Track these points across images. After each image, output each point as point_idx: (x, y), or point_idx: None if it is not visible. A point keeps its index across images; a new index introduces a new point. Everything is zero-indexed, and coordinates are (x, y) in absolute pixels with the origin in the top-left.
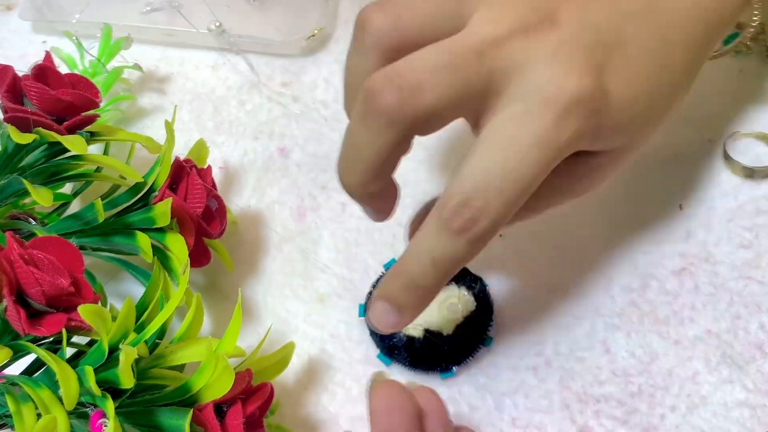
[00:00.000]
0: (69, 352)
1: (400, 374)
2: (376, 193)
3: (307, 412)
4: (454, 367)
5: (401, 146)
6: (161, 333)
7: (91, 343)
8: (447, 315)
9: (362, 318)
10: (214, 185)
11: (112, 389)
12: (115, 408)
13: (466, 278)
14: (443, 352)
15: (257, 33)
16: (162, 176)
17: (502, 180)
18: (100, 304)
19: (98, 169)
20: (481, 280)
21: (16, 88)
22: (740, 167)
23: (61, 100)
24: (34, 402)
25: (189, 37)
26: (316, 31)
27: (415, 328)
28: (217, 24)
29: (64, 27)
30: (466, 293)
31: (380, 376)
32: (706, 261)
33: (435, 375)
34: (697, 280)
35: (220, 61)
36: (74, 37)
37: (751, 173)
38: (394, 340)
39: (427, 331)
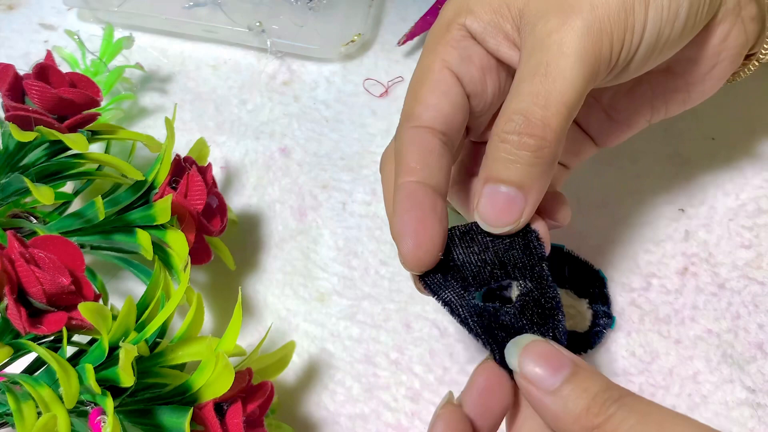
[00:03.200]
0: (70, 350)
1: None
2: None
3: (307, 411)
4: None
5: None
6: (162, 332)
7: (91, 342)
8: None
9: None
10: (214, 183)
11: (112, 387)
12: (116, 406)
13: (599, 300)
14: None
15: (298, 35)
16: (162, 174)
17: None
18: (100, 302)
19: (99, 168)
20: (609, 314)
21: (17, 87)
22: None
23: (63, 99)
24: (34, 400)
25: (229, 35)
26: (355, 38)
27: None
28: (258, 24)
29: (106, 16)
30: (588, 313)
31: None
32: (706, 261)
33: None
34: (698, 279)
35: (221, 60)
36: (76, 36)
37: None
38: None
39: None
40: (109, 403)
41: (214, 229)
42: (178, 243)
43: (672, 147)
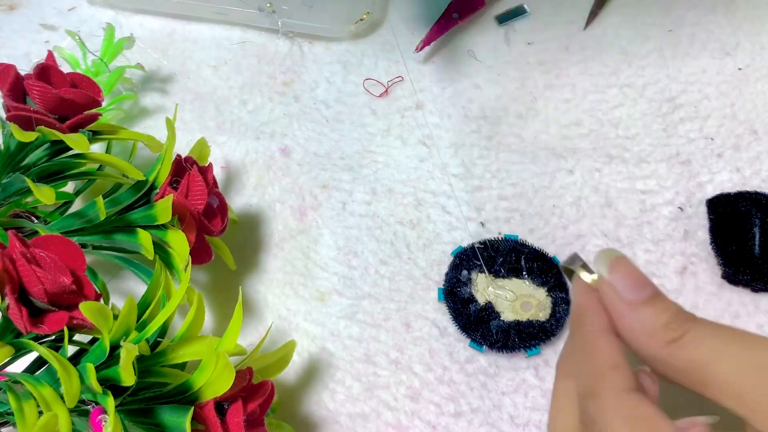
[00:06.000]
0: (71, 350)
1: (486, 358)
2: None
3: (307, 410)
4: (539, 345)
5: None
6: (163, 331)
7: (92, 342)
8: (517, 308)
9: (441, 301)
10: (215, 183)
11: (113, 387)
12: (117, 405)
13: (557, 288)
14: (531, 334)
15: (307, 15)
16: (163, 174)
17: None
18: (101, 302)
19: (100, 168)
20: (567, 300)
21: (18, 87)
22: None
23: (64, 99)
24: (35, 399)
25: (239, 16)
26: (363, 16)
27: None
28: (268, 4)
29: (117, 1)
30: (547, 301)
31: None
32: (705, 261)
33: (521, 354)
34: (697, 279)
35: (222, 60)
36: (77, 37)
37: None
38: (483, 326)
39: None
40: (110, 403)
41: (215, 229)
42: (178, 243)
43: (673, 147)
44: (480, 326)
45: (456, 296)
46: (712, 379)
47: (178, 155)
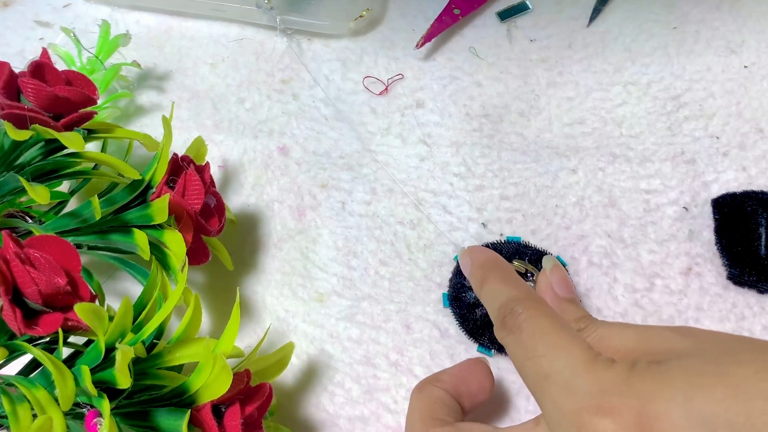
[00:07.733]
0: (66, 352)
1: (495, 362)
2: None
3: (306, 412)
4: None
5: None
6: (159, 333)
7: (87, 343)
8: None
9: (447, 307)
10: (212, 182)
11: (108, 389)
12: (112, 408)
13: None
14: None
15: (306, 12)
16: (159, 173)
17: None
18: (97, 303)
19: (95, 167)
20: None
21: (12, 85)
22: None
23: (58, 97)
24: (30, 402)
25: (237, 13)
26: (363, 13)
27: None
28: (267, 1)
29: None
30: None
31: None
32: (711, 261)
33: None
34: (702, 280)
35: (219, 58)
36: (72, 34)
37: None
38: (490, 330)
39: None
40: (105, 405)
41: (212, 229)
42: (175, 243)
43: (677, 146)
44: (487, 330)
45: (461, 302)
46: None
47: (175, 154)
